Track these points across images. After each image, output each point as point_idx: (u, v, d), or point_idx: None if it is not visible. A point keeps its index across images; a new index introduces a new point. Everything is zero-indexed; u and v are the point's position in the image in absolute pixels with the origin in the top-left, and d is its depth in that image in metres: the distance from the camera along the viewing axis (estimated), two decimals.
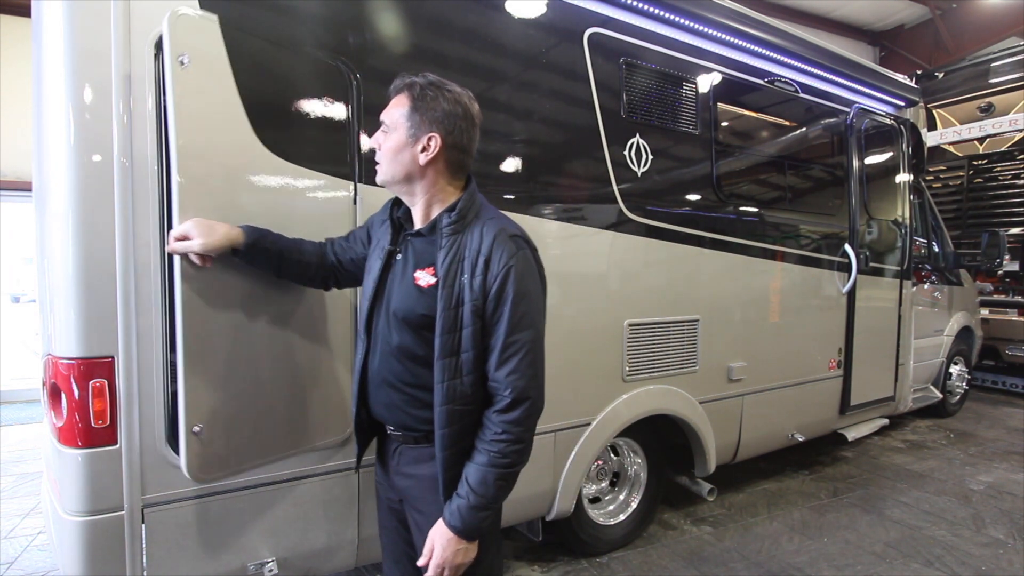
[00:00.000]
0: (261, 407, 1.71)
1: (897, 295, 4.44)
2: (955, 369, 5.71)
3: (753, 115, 3.48)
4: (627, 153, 2.75)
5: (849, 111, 3.98)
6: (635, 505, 3.08)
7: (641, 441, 3.06)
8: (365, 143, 2.03)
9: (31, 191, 2.06)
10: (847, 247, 3.89)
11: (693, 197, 3.09)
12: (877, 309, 4.25)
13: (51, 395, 1.73)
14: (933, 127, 7.11)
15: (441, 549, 1.30)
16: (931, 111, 7.09)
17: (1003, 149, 6.67)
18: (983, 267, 6.07)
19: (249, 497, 1.90)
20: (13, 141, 5.77)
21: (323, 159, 1.94)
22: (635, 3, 2.75)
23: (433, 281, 1.35)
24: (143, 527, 1.73)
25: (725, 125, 3.25)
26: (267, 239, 1.57)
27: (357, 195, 2.01)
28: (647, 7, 2.80)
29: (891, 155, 4.43)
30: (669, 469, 3.24)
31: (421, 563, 1.34)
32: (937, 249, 5.30)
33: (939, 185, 7.26)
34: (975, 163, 6.94)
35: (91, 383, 1.64)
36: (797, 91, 3.64)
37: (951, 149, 7.13)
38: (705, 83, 3.10)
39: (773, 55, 3.46)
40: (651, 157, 2.83)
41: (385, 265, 1.46)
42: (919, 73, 7.21)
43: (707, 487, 3.17)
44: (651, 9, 2.81)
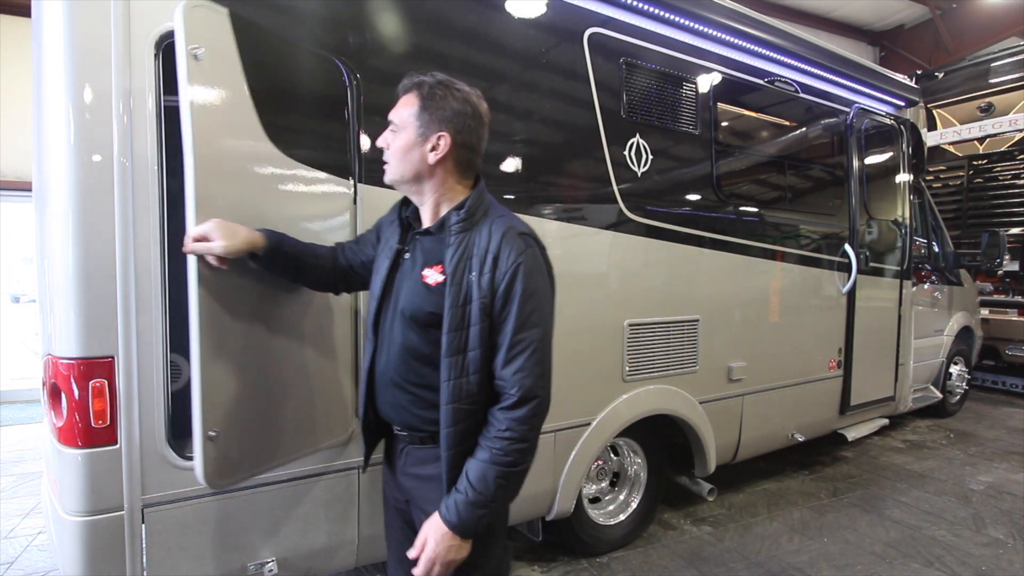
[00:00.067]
0: (271, 410, 1.69)
1: (897, 295, 4.43)
2: (955, 369, 5.71)
3: (753, 115, 3.48)
4: (627, 153, 2.75)
5: (849, 111, 3.98)
6: (635, 505, 3.08)
7: (641, 441, 3.06)
8: (365, 143, 2.04)
9: (31, 191, 2.06)
10: (847, 247, 3.88)
11: (693, 197, 3.09)
12: (877, 309, 4.25)
13: (51, 395, 1.73)
14: (933, 127, 7.11)
15: (434, 543, 1.28)
16: (931, 111, 7.09)
17: (1003, 149, 6.67)
18: (983, 267, 6.07)
19: (249, 497, 1.90)
20: (13, 141, 5.77)
21: (325, 158, 1.94)
22: (635, 3, 2.75)
23: (441, 279, 1.34)
24: (143, 527, 1.74)
25: (725, 125, 3.25)
26: (286, 244, 1.55)
27: (357, 195, 2.01)
28: (647, 7, 2.80)
29: (891, 155, 4.43)
30: (669, 469, 3.24)
31: (412, 555, 1.31)
32: (937, 249, 5.30)
33: (939, 185, 7.26)
34: (975, 163, 6.94)
35: (91, 383, 1.64)
36: (797, 91, 3.64)
37: (951, 149, 7.13)
38: (705, 83, 3.10)
39: (773, 55, 3.46)
40: (651, 157, 2.83)
41: (393, 264, 1.46)
42: (919, 73, 7.21)
43: (707, 487, 3.16)
44: (651, 9, 2.81)
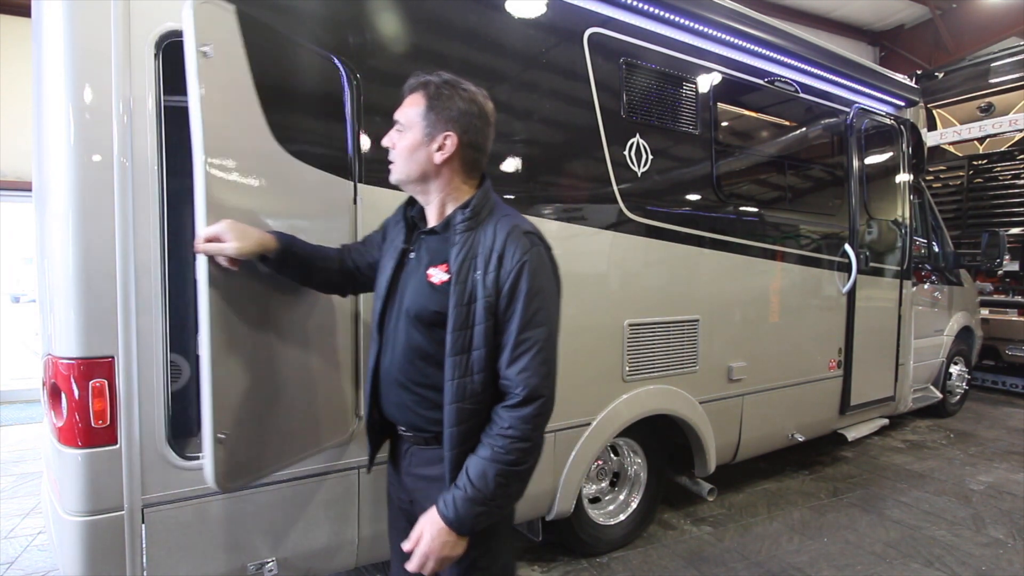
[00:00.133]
0: (278, 412, 1.69)
1: (897, 295, 4.43)
2: (955, 369, 5.71)
3: (753, 115, 3.48)
4: (627, 153, 2.75)
5: (849, 111, 3.98)
6: (635, 505, 3.08)
7: (641, 441, 3.06)
8: (365, 142, 2.04)
9: (31, 191, 2.06)
10: (847, 247, 3.88)
11: (693, 197, 3.09)
12: (877, 309, 4.25)
13: (51, 395, 1.73)
14: (933, 127, 7.11)
15: (429, 538, 1.26)
16: (931, 111, 7.09)
17: (1003, 149, 6.67)
18: (983, 267, 6.07)
19: (249, 497, 1.90)
20: (13, 141, 5.77)
21: (325, 157, 1.94)
22: (635, 3, 2.75)
23: (446, 278, 1.33)
24: (143, 527, 1.73)
25: (725, 125, 3.25)
26: (296, 246, 1.54)
27: (357, 195, 2.01)
28: (647, 7, 2.80)
29: (891, 155, 4.43)
30: (669, 469, 3.24)
31: (407, 548, 1.30)
32: (937, 249, 5.30)
33: (939, 185, 7.26)
34: (975, 163, 6.94)
35: (91, 383, 1.64)
36: (797, 91, 3.64)
37: (951, 149, 7.13)
38: (705, 83, 3.10)
39: (773, 55, 3.46)
40: (651, 157, 2.83)
41: (398, 264, 1.45)
42: (919, 73, 7.21)
43: (707, 487, 3.17)
44: (651, 9, 2.81)
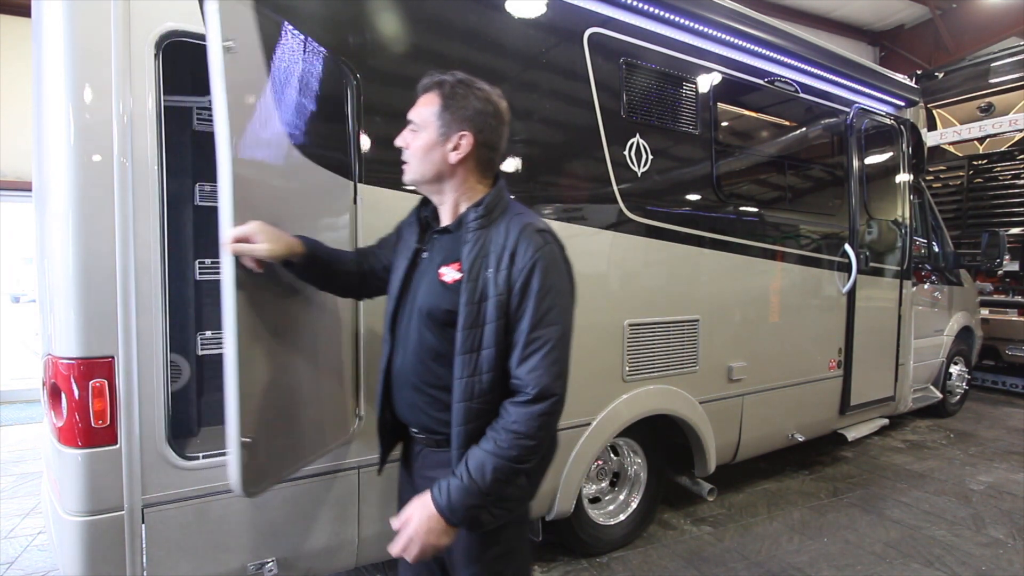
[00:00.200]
0: (292, 415, 1.68)
1: (897, 295, 4.43)
2: (955, 369, 5.71)
3: (753, 115, 3.48)
4: (627, 153, 2.75)
5: (849, 111, 3.98)
6: (635, 505, 3.08)
7: (641, 441, 3.06)
8: (365, 142, 2.04)
9: (31, 191, 2.06)
10: (847, 247, 3.88)
11: (693, 197, 3.09)
12: (877, 309, 4.25)
13: (51, 395, 1.73)
14: (933, 127, 7.11)
15: (417, 522, 1.25)
16: (931, 111, 7.09)
17: (1003, 149, 6.66)
18: (983, 267, 6.06)
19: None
20: (13, 141, 5.77)
21: (327, 157, 1.94)
22: (635, 3, 2.75)
23: (458, 276, 1.32)
24: (143, 527, 1.74)
25: (725, 125, 3.25)
26: (320, 250, 1.53)
27: (357, 195, 2.01)
28: (647, 7, 2.80)
29: (891, 155, 4.43)
30: (669, 469, 3.24)
31: (395, 526, 1.28)
32: (937, 249, 5.30)
33: (939, 185, 7.26)
34: (975, 163, 6.94)
35: (91, 383, 1.64)
36: (797, 91, 3.64)
37: (951, 149, 7.12)
38: (705, 83, 3.10)
39: (773, 55, 3.46)
40: (651, 157, 2.83)
41: (411, 264, 1.45)
42: (919, 73, 7.21)
43: (707, 487, 3.16)
44: (651, 9, 2.81)
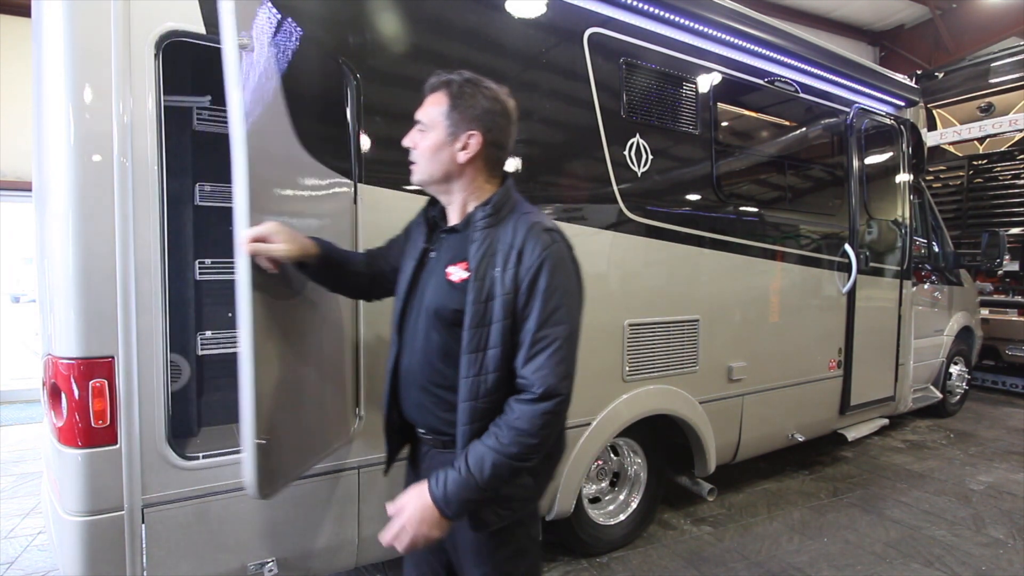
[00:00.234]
0: (301, 416, 1.67)
1: (897, 295, 4.43)
2: (955, 369, 5.71)
3: (753, 115, 3.48)
4: (627, 153, 2.75)
5: (849, 111, 3.98)
6: (635, 505, 3.08)
7: (641, 441, 3.06)
8: (365, 142, 2.04)
9: (31, 191, 2.06)
10: (847, 247, 3.88)
11: (693, 197, 3.09)
12: (877, 309, 4.25)
13: (51, 395, 1.73)
14: (933, 127, 7.11)
15: (410, 511, 1.24)
16: (931, 111, 7.09)
17: (1003, 149, 6.66)
18: (983, 267, 6.06)
19: (249, 497, 1.89)
20: (13, 141, 5.77)
21: (329, 156, 1.94)
22: (635, 3, 2.75)
23: (466, 276, 1.31)
24: (143, 527, 1.74)
25: (725, 125, 3.25)
26: (333, 252, 1.53)
27: (357, 195, 2.01)
28: (647, 7, 2.80)
29: (891, 155, 4.43)
30: (669, 469, 3.24)
31: (390, 512, 1.28)
32: (937, 249, 5.30)
33: (939, 185, 7.26)
34: (975, 163, 6.94)
35: (91, 383, 1.64)
36: (797, 91, 3.64)
37: (951, 149, 7.12)
38: (705, 83, 3.10)
39: (773, 55, 3.46)
40: (651, 157, 2.83)
41: (419, 263, 1.44)
42: (919, 73, 7.21)
43: (707, 487, 3.16)
44: (651, 9, 2.81)
